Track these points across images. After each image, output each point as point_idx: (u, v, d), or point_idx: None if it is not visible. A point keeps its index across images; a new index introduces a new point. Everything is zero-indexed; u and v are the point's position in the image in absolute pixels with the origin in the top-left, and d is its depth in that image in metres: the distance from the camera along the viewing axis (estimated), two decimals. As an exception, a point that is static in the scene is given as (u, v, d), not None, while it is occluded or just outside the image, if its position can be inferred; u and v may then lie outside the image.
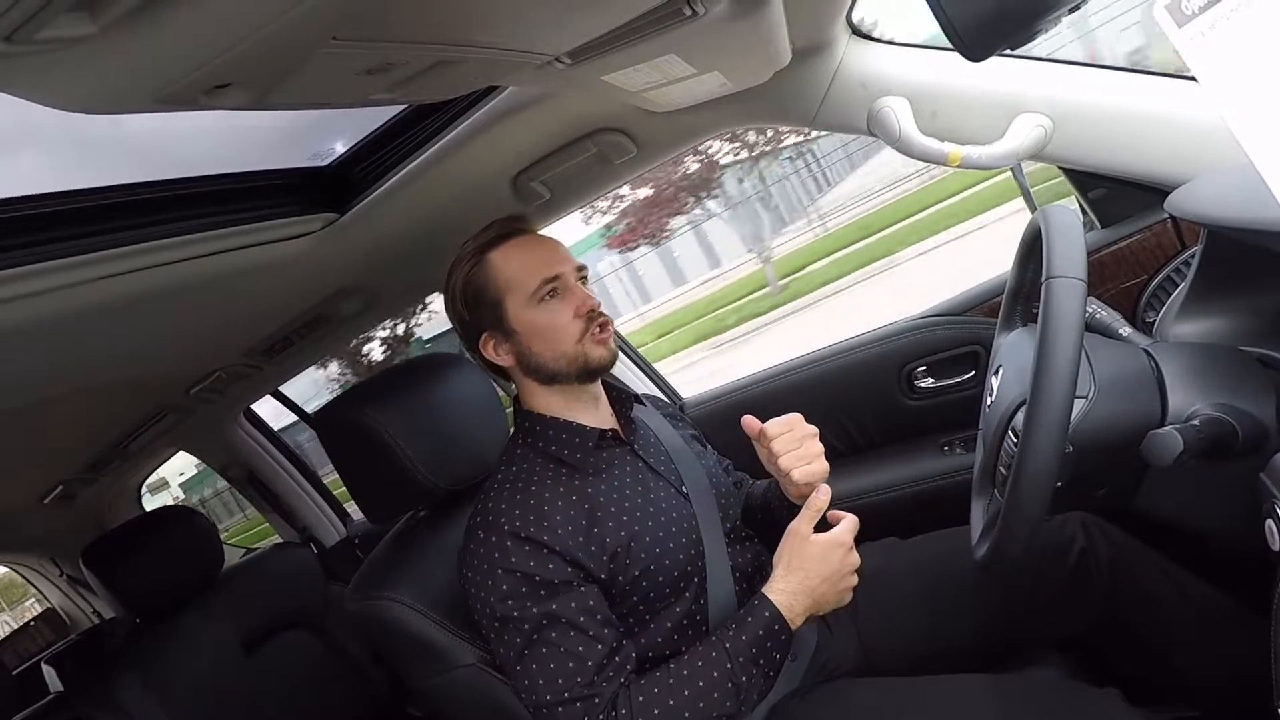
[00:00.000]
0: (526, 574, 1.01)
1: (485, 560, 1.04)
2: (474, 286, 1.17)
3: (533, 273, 1.14)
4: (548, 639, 1.00)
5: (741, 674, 1.00)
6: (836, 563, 1.05)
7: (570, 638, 1.00)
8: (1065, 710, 0.96)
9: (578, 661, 0.99)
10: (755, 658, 1.01)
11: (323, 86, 0.80)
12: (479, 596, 1.04)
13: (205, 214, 1.18)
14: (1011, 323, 1.17)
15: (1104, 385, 0.88)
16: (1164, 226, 1.41)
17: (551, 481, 1.10)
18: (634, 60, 1.01)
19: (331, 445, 1.28)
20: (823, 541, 1.05)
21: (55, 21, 0.51)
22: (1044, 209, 0.92)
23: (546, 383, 1.17)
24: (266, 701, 1.96)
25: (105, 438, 2.09)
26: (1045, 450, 0.78)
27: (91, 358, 1.37)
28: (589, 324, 1.15)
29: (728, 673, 1.00)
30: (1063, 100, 1.24)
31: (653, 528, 1.10)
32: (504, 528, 1.04)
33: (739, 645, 1.01)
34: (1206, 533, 0.99)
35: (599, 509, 1.09)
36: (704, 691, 0.99)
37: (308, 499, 2.67)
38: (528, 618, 1.00)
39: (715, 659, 1.01)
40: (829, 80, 1.32)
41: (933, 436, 1.75)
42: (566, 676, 0.98)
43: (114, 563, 1.89)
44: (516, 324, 1.15)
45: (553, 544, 1.02)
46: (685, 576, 1.12)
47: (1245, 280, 0.97)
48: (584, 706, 0.97)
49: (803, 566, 1.05)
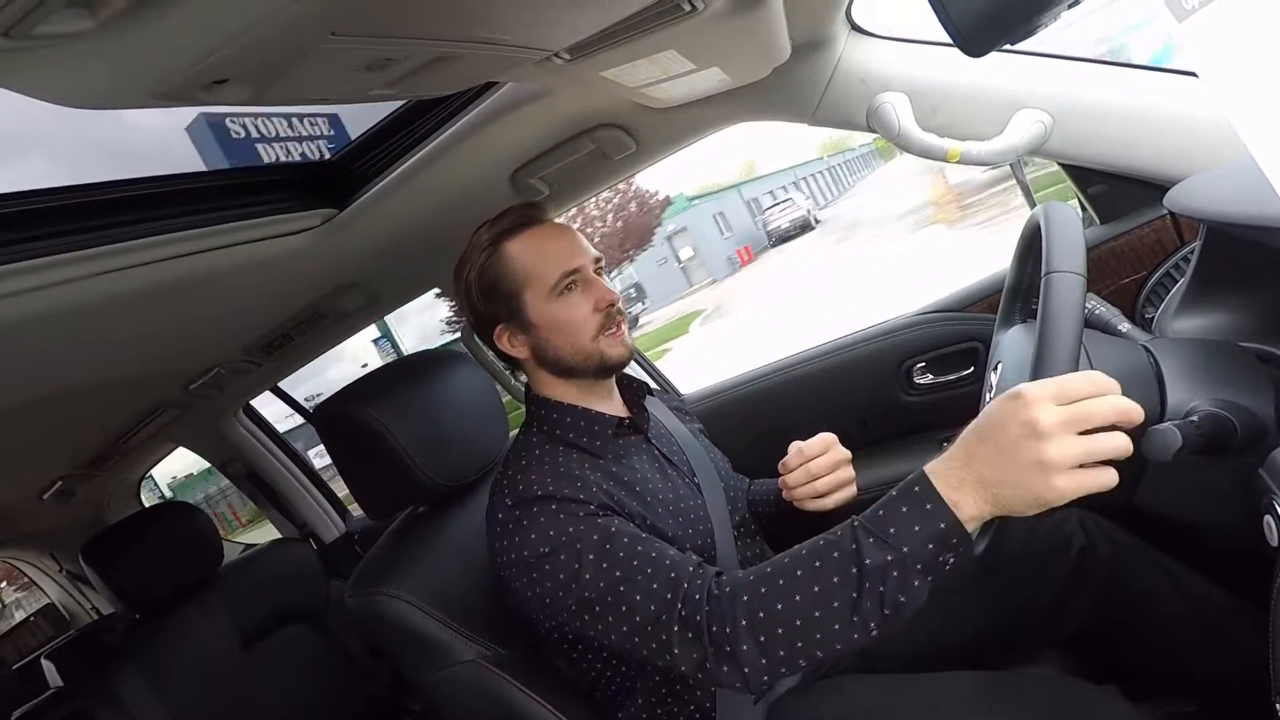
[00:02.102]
0: (568, 514, 0.97)
1: (519, 530, 0.99)
2: (490, 278, 1.14)
3: (553, 265, 1.11)
4: (610, 551, 0.93)
5: (869, 555, 0.78)
6: (1015, 419, 0.71)
7: (632, 540, 0.94)
8: (1065, 706, 0.95)
9: (657, 556, 0.92)
10: (895, 540, 0.77)
11: (321, 82, 0.80)
12: (526, 559, 0.97)
13: (204, 209, 1.18)
14: (1010, 319, 1.17)
15: None
16: (1163, 223, 1.41)
17: (576, 461, 1.07)
18: (633, 56, 1.01)
19: (331, 442, 1.28)
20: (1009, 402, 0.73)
21: (54, 17, 0.51)
22: (1043, 205, 0.92)
23: (563, 376, 1.16)
24: (265, 696, 1.96)
25: (104, 434, 2.09)
26: None
27: (89, 354, 1.37)
28: (608, 318, 1.13)
29: (851, 553, 0.79)
30: (1063, 96, 1.24)
31: (672, 513, 1.10)
32: (535, 492, 0.99)
33: (875, 520, 0.80)
34: (1205, 529, 0.99)
35: (623, 487, 1.07)
36: (820, 572, 0.81)
37: (307, 495, 2.68)
38: (581, 536, 0.94)
39: (841, 535, 0.82)
40: (828, 76, 1.32)
41: (931, 432, 1.75)
42: (647, 568, 0.91)
43: (113, 558, 1.90)
44: (535, 317, 1.13)
45: (588, 498, 0.99)
46: None
47: (1244, 276, 0.97)
48: (676, 585, 0.89)
49: (979, 420, 0.77)
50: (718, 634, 0.84)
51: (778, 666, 0.82)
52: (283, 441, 2.66)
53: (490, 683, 1.08)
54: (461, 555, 1.21)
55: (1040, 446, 0.68)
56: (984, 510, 0.74)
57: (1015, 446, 0.70)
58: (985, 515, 0.75)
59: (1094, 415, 0.68)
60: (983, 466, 0.74)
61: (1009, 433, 0.71)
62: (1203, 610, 1.08)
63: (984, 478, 0.74)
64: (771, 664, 0.82)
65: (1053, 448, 0.68)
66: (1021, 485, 0.70)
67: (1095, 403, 0.69)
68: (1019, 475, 0.70)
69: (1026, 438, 0.69)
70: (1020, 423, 0.69)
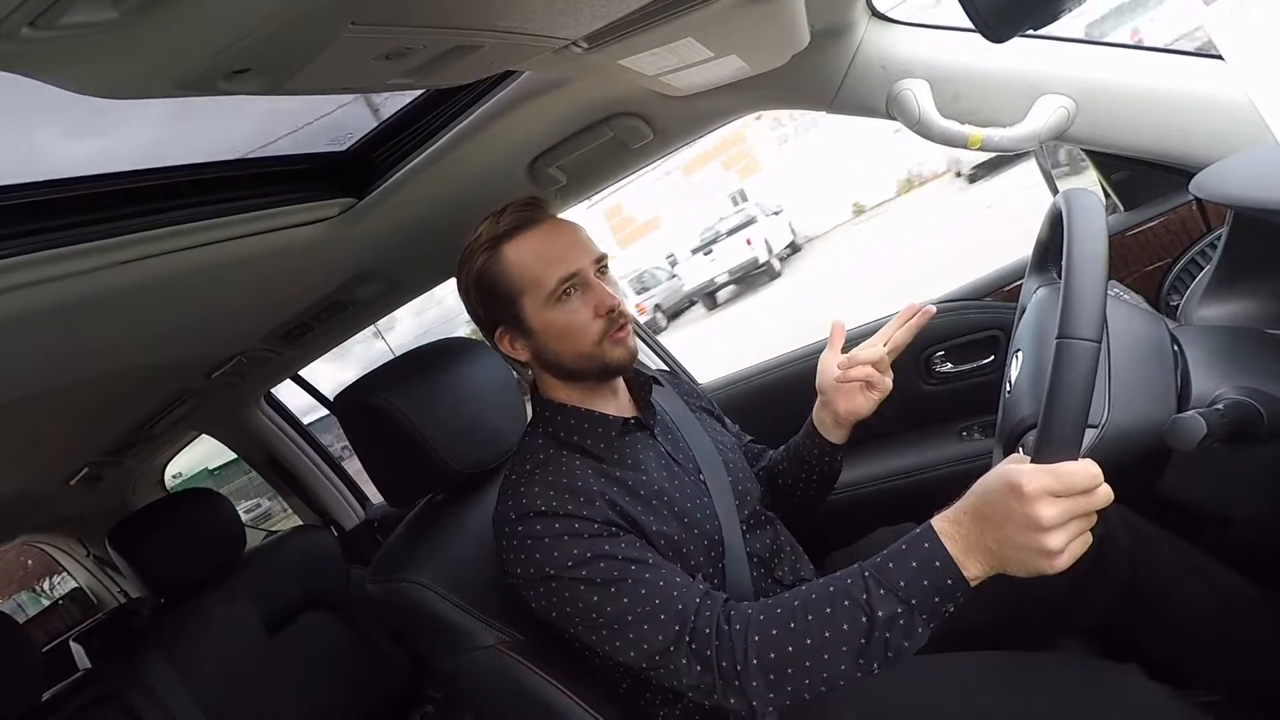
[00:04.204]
0: (573, 535, 0.98)
1: (524, 548, 1.00)
2: (488, 282, 1.11)
3: (550, 271, 1.07)
4: (618, 578, 0.96)
5: (880, 607, 0.84)
6: (1019, 511, 0.76)
7: (639, 568, 0.97)
8: (1086, 684, 0.95)
9: (664, 586, 0.95)
10: (904, 593, 0.83)
11: (341, 71, 0.80)
12: (532, 577, 1.00)
13: (224, 199, 1.19)
14: (1044, 269, 1.15)
15: (1117, 402, 0.86)
16: (1189, 209, 1.39)
17: (580, 467, 1.07)
18: (651, 44, 1.01)
19: (351, 429, 1.30)
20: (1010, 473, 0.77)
21: (78, 7, 0.52)
22: (1065, 193, 0.91)
23: (566, 379, 1.15)
24: (288, 681, 1.99)
25: (128, 421, 2.12)
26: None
27: (113, 342, 1.39)
28: (610, 324, 1.10)
29: (862, 604, 0.85)
30: (1086, 81, 1.22)
31: (679, 514, 1.09)
32: (539, 507, 1.00)
33: (885, 572, 0.85)
34: (1229, 518, 0.98)
35: (628, 493, 1.06)
36: (830, 619, 0.86)
37: (327, 483, 2.71)
38: (586, 563, 0.97)
39: (851, 584, 0.88)
40: (848, 63, 1.31)
41: (951, 422, 1.74)
42: (655, 599, 0.94)
43: (139, 544, 1.93)
44: (534, 323, 1.10)
45: (592, 515, 1.00)
46: (704, 564, 1.11)
47: (1271, 263, 0.96)
48: (684, 618, 0.93)
49: (982, 496, 0.82)
50: (727, 669, 0.90)
51: (783, 699, 0.89)
52: (303, 429, 2.69)
53: (510, 668, 1.09)
54: (480, 541, 1.21)
55: (1042, 538, 0.74)
56: (986, 572, 0.81)
57: (1020, 533, 0.76)
58: (987, 575, 0.82)
59: (1091, 508, 0.75)
60: (989, 540, 0.80)
61: (1014, 521, 0.76)
62: (1225, 599, 1.07)
63: (989, 549, 0.80)
64: (779, 697, 0.89)
65: (1053, 540, 0.74)
66: (1024, 563, 0.77)
67: (1092, 498, 0.74)
68: (1022, 556, 0.77)
69: (1030, 530, 0.75)
70: (1024, 515, 0.75)
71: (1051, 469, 0.74)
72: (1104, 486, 0.75)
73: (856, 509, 1.70)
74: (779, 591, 1.20)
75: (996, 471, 0.80)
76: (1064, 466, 0.74)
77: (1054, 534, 0.74)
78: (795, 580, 1.21)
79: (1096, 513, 0.76)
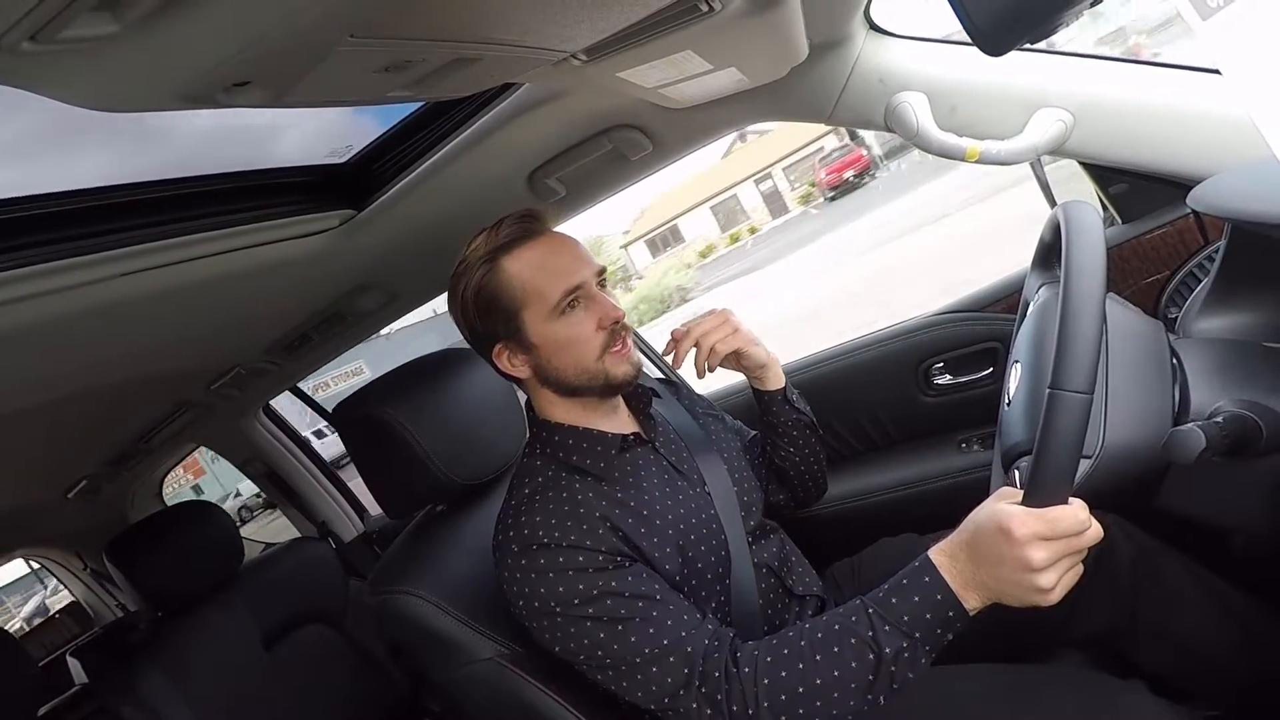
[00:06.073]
0: (576, 569, 0.97)
1: (527, 581, 0.99)
2: (486, 295, 1.08)
3: (553, 284, 1.06)
4: (625, 617, 0.95)
5: (886, 643, 0.86)
6: (1010, 554, 0.79)
7: (647, 604, 0.96)
8: (1088, 699, 0.94)
9: (673, 625, 0.95)
10: (908, 627, 0.86)
11: (340, 84, 0.80)
12: (536, 610, 0.98)
13: (224, 211, 1.19)
14: (1049, 264, 1.15)
15: (1114, 425, 0.86)
16: (1187, 222, 1.39)
17: (580, 491, 1.05)
18: (650, 56, 1.01)
19: (350, 441, 1.29)
20: (1002, 514, 0.80)
21: (78, 20, 0.52)
22: (1063, 205, 0.91)
23: (566, 395, 1.13)
24: (286, 694, 1.98)
25: (127, 433, 2.12)
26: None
27: (113, 354, 1.39)
28: (612, 337, 1.09)
29: (869, 640, 0.87)
30: (1083, 94, 1.23)
31: (684, 530, 1.08)
32: (541, 538, 0.99)
33: (888, 608, 0.88)
34: (1229, 531, 0.98)
35: (630, 514, 1.05)
36: (838, 658, 0.88)
37: (325, 494, 2.70)
38: (593, 600, 0.95)
39: (855, 621, 0.89)
40: (846, 76, 1.32)
41: (950, 434, 1.74)
42: (663, 640, 0.93)
43: (136, 557, 1.92)
44: (535, 337, 1.08)
45: (595, 545, 0.99)
46: (712, 579, 1.10)
47: (1269, 276, 0.96)
48: (693, 661, 0.92)
49: (975, 534, 0.84)
50: (739, 713, 0.90)
51: None
52: (301, 441, 2.69)
53: (509, 681, 1.08)
54: (480, 554, 1.21)
55: (1034, 578, 0.77)
56: (984, 602, 0.85)
57: (1012, 573, 0.79)
58: (984, 605, 0.85)
59: (1080, 548, 0.78)
60: (984, 576, 0.83)
61: (1005, 563, 0.79)
62: (1226, 612, 1.06)
63: (985, 584, 0.83)
64: None
65: (1044, 579, 0.77)
66: (1019, 598, 0.81)
67: (1080, 539, 0.77)
68: (1016, 592, 0.80)
69: (1021, 570, 0.78)
70: (1014, 558, 0.78)
71: (1040, 514, 0.76)
72: (1094, 527, 0.77)
73: (858, 519, 1.70)
74: (791, 602, 1.20)
75: (988, 511, 0.82)
76: (1052, 512, 0.76)
77: (1044, 574, 0.77)
78: (807, 592, 1.21)
79: (1095, 513, 0.77)
